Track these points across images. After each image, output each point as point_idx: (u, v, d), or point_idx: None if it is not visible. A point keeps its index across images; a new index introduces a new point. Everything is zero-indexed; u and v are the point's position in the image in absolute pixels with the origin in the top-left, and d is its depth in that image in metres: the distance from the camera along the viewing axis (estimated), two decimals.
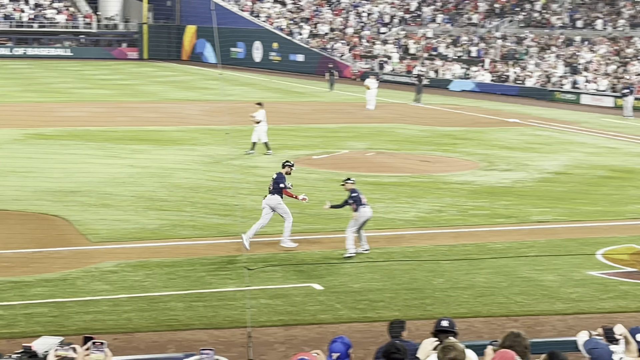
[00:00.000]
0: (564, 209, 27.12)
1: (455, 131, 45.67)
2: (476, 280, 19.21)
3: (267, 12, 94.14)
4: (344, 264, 20.17)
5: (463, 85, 72.42)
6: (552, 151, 39.19)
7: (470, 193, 29.24)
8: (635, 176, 33.29)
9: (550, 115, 54.30)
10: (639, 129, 48.39)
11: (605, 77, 64.40)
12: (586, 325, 14.90)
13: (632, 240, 23.07)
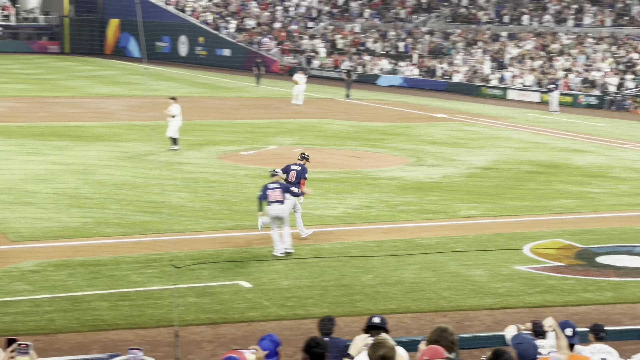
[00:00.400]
0: (492, 204, 27.41)
1: (384, 126, 45.91)
2: (405, 276, 19.32)
3: (192, 6, 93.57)
4: (272, 261, 20.12)
5: (391, 81, 72.82)
6: (480, 146, 39.59)
7: (398, 189, 29.39)
8: (561, 171, 33.78)
9: (477, 111, 54.86)
10: (564, 124, 49.14)
11: (531, 73, 65.28)
12: (514, 319, 15.14)
13: (558, 235, 23.40)
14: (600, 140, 42.44)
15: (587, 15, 71.76)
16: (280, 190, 20.42)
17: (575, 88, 61.47)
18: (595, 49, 65.80)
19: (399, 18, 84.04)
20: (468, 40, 75.38)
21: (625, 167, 34.94)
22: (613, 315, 16.99)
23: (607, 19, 70.20)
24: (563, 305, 17.49)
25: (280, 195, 20.38)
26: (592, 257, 21.34)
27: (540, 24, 73.77)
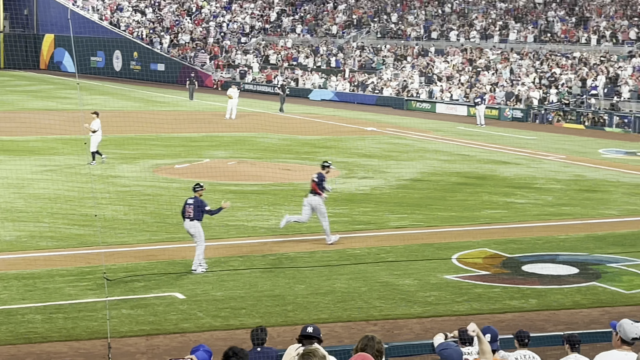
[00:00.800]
0: (421, 214, 27.61)
1: (316, 140, 45.98)
2: (336, 285, 19.36)
3: (126, 22, 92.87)
4: (206, 273, 20.01)
5: (323, 95, 72.98)
6: (409, 158, 39.84)
7: (330, 200, 29.32)
8: (487, 182, 34.14)
9: (407, 124, 55.23)
10: (490, 137, 49.67)
11: (458, 87, 65.94)
12: (442, 327, 15.24)
13: (485, 244, 23.65)
14: (525, 153, 42.97)
15: (512, 31, 72.73)
16: (192, 207, 20.16)
17: (500, 102, 62.22)
18: (519, 64, 66.69)
19: (330, 34, 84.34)
20: (397, 55, 75.92)
21: (549, 178, 35.40)
22: (537, 321, 17.20)
23: (530, 35, 71.22)
24: (489, 313, 17.66)
25: (192, 212, 20.11)
26: (517, 265, 21.59)
27: (467, 40, 74.57)
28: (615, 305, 18.37)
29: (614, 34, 66.55)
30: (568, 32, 69.50)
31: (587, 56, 64.60)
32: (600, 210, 29.01)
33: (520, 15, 75.25)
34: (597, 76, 60.51)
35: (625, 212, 28.87)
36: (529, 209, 29.01)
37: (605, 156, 42.71)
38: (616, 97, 57.71)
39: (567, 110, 58.08)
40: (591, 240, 24.59)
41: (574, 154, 42.84)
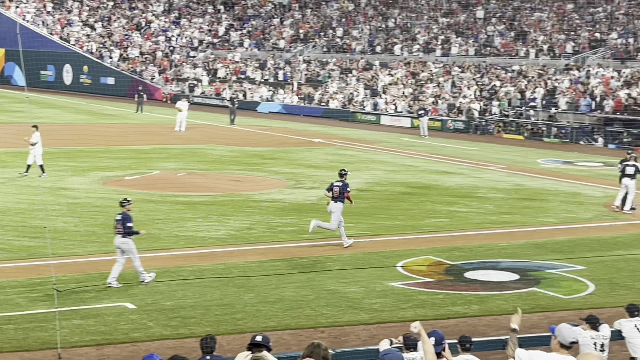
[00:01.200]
0: (367, 224, 27.67)
1: (264, 151, 45.96)
2: (285, 294, 19.33)
3: (76, 36, 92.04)
4: (156, 283, 19.86)
5: (270, 107, 72.97)
6: (355, 169, 39.85)
7: (278, 210, 29.43)
8: (431, 192, 34.34)
9: (352, 135, 55.40)
10: (434, 148, 50.00)
11: (402, 99, 66.31)
12: (388, 333, 15.27)
13: (429, 252, 23.77)
14: (467, 163, 43.30)
15: (454, 45, 73.35)
16: (121, 222, 19.79)
17: (443, 114, 62.68)
18: (461, 77, 67.27)
19: (278, 48, 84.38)
20: (343, 68, 76.17)
21: (490, 187, 35.71)
22: (479, 327, 17.31)
23: (471, 49, 71.89)
24: (433, 318, 17.72)
25: (122, 228, 19.82)
26: (460, 272, 21.73)
27: (410, 54, 75.06)
28: (554, 310, 18.55)
29: (551, 48, 67.43)
30: (507, 46, 70.27)
31: (525, 69, 65.36)
32: (540, 218, 29.31)
33: (461, 30, 75.95)
34: (536, 88, 61.24)
35: (563, 219, 29.22)
36: (471, 218, 29.23)
37: (543, 166, 43.21)
38: (554, 108, 58.43)
39: (507, 122, 58.70)
40: (531, 247, 24.84)
41: (514, 164, 43.27)
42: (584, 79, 60.93)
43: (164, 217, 27.66)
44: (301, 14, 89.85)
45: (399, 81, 70.02)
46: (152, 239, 23.88)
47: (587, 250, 24.47)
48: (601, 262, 22.95)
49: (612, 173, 40.01)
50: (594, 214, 30.37)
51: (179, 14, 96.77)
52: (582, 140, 53.91)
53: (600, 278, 21.27)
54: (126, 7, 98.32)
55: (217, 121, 61.84)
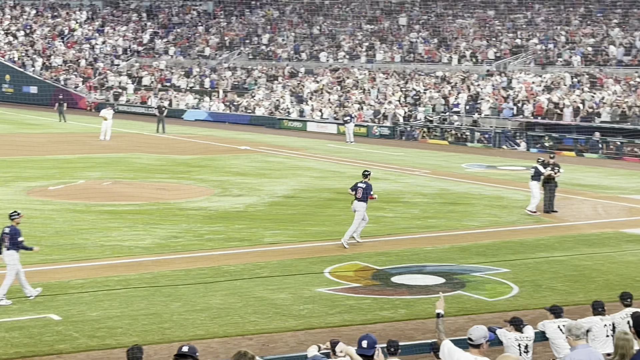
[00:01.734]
0: (294, 230, 27.68)
1: (190, 159, 45.70)
2: (212, 302, 19.22)
3: None
4: (82, 293, 19.60)
5: (197, 115, 72.58)
6: (282, 176, 39.94)
7: (205, 218, 29.27)
8: None
9: (279, 142, 55.37)
10: (360, 154, 50.22)
11: (328, 106, 66.50)
12: (316, 339, 15.25)
13: (356, 257, 23.84)
14: (393, 168, 43.57)
15: (378, 52, 73.86)
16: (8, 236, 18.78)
17: (369, 120, 63.02)
18: (386, 84, 67.73)
19: (203, 55, 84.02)
20: (269, 76, 76.15)
21: (416, 192, 35.99)
22: (406, 330, 17.40)
23: (396, 55, 72.46)
24: (361, 324, 17.77)
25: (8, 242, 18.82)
26: (387, 277, 21.83)
27: (336, 60, 75.37)
28: (479, 312, 18.73)
29: (473, 54, 68.33)
30: (431, 52, 71.00)
31: (449, 75, 66.09)
32: (464, 222, 29.63)
33: (385, 36, 76.49)
34: (459, 94, 61.97)
35: (487, 223, 29.57)
36: (397, 222, 29.42)
37: (467, 170, 43.70)
38: (477, 114, 59.18)
39: (432, 127, 59.26)
40: (456, 250, 25.08)
41: (439, 169, 43.67)
42: (506, 84, 61.86)
43: (90, 226, 27.31)
44: (226, 21, 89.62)
45: (325, 88, 70.22)
46: (77, 249, 23.58)
47: (510, 253, 24.79)
48: (524, 265, 23.27)
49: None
50: (517, 217, 30.78)
51: (102, 22, 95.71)
52: (504, 145, 54.67)
53: (523, 280, 21.56)
54: (49, 15, 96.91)
55: (143, 129, 61.30)
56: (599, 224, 29.42)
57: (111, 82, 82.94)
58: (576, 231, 28.36)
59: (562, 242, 26.54)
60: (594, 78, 58.81)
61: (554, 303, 15.33)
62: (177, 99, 75.70)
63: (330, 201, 33.46)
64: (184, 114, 73.20)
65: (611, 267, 23.14)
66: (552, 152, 37.94)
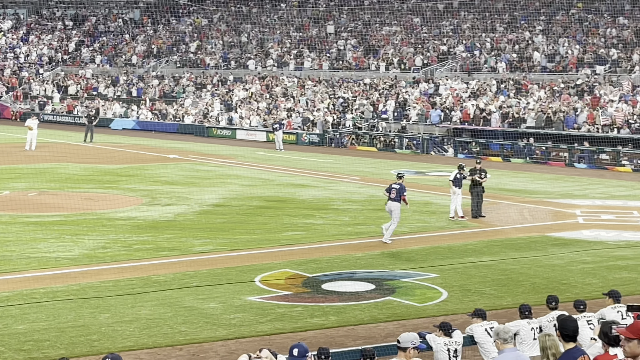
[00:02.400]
0: (224, 239, 27.54)
1: (118, 168, 45.22)
2: (141, 313, 19.01)
3: None
4: (7, 306, 19.23)
5: (124, 124, 71.90)
6: (211, 184, 39.72)
7: (134, 228, 28.98)
8: (288, 205, 34.46)
9: (208, 151, 55.09)
10: (289, 161, 50.25)
11: (257, 114, 66.41)
12: (247, 348, 15.23)
13: (286, 265, 23.81)
14: (322, 175, 43.65)
15: (307, 60, 74.01)
16: None
17: (298, 127, 63.09)
18: (314, 91, 67.89)
19: (130, 64, 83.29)
20: (197, 84, 75.79)
21: (345, 199, 36.10)
22: (337, 337, 17.41)
23: (324, 63, 72.69)
24: (292, 331, 17.74)
25: None
26: (318, 284, 21.83)
27: (264, 68, 75.34)
28: (409, 318, 18.84)
29: (401, 61, 68.85)
30: (359, 59, 71.37)
31: (377, 82, 66.51)
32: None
33: (313, 44, 76.70)
34: (387, 101, 62.37)
35: (416, 229, 29.77)
36: (327, 229, 29.45)
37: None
38: (405, 120, 59.63)
39: (360, 134, 59.53)
40: (386, 257, 25.19)
41: (368, 175, 43.87)
42: (433, 91, 62.46)
43: (15, 238, 26.84)
44: (153, 29, 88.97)
45: (254, 96, 70.12)
46: (2, 261, 23.16)
47: (439, 258, 24.99)
48: (453, 270, 23.47)
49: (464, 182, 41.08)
50: (445, 222, 31.06)
51: (27, 30, 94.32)
52: (432, 151, 55.16)
53: (452, 285, 21.74)
54: None
55: (69, 139, 60.49)
56: (525, 228, 29.82)
57: (36, 91, 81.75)
58: (503, 235, 28.69)
59: (489, 246, 26.84)
60: (519, 84, 59.70)
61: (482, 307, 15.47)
62: (105, 108, 74.86)
63: (260, 209, 33.39)
64: (112, 122, 72.45)
65: (538, 271, 23.46)
66: (479, 158, 38.34)
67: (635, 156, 46.76)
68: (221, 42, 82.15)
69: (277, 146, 57.05)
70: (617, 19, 64.85)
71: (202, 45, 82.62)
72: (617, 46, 60.91)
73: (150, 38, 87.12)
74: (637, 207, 34.20)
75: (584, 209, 33.63)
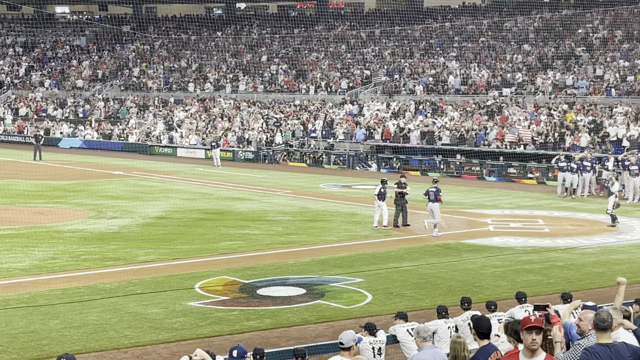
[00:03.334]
0: (166, 249, 27.30)
1: (67, 185, 44.55)
2: (89, 318, 18.75)
3: None
4: None
5: (72, 143, 70.85)
6: (154, 198, 39.35)
7: (81, 240, 28.57)
8: (225, 217, 34.29)
9: (151, 167, 54.53)
10: (226, 176, 50.01)
11: (196, 133, 66.02)
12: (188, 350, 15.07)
13: (224, 273, 23.69)
14: (257, 189, 43.53)
15: (242, 83, 73.87)
16: None
17: (234, 145, 62.85)
18: (249, 112, 67.75)
19: (77, 87, 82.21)
20: (140, 105, 75.12)
21: (278, 211, 36.04)
22: (271, 338, 17.36)
23: (258, 86, 72.62)
24: (229, 333, 17.66)
25: None
26: (253, 290, 21.75)
27: (203, 91, 74.99)
28: (337, 320, 18.86)
29: (328, 84, 69.11)
30: (289, 83, 71.48)
31: (306, 104, 66.65)
32: (323, 237, 29.82)
33: (248, 69, 76.61)
34: (316, 121, 62.52)
35: (343, 237, 29.83)
36: (262, 239, 29.37)
37: (325, 190, 44.04)
38: (332, 138, 59.82)
39: (292, 151, 59.54)
40: (316, 263, 25.20)
41: (299, 189, 43.86)
42: (358, 111, 62.80)
43: None
44: (99, 55, 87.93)
45: (193, 116, 69.72)
46: None
47: (365, 264, 25.08)
48: (377, 275, 23.56)
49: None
50: (370, 231, 31.17)
51: None
52: (357, 166, 55.39)
53: (376, 288, 21.82)
54: None
55: (20, 157, 59.40)
56: (442, 236, 30.07)
57: None
58: (422, 243, 28.89)
59: (409, 253, 27.01)
60: (435, 105, 60.32)
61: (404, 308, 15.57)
62: (54, 128, 73.72)
63: (199, 221, 33.17)
64: (60, 142, 71.37)
65: (453, 275, 23.67)
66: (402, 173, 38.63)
67: (539, 170, 47.56)
68: (162, 67, 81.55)
69: (215, 163, 56.72)
70: (522, 46, 65.97)
71: (144, 69, 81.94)
72: (522, 70, 61.97)
73: (95, 63, 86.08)
74: (542, 216, 34.74)
75: (494, 218, 34.05)
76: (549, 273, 23.80)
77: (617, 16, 65.40)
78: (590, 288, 21.61)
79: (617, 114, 50.79)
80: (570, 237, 29.77)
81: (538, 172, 47.63)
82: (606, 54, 60.27)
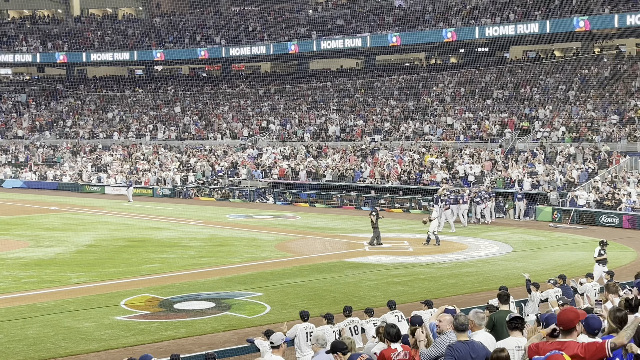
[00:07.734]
0: (96, 272, 26.58)
1: (9, 219, 42.90)
2: (29, 332, 18.06)
3: None
4: None
5: (14, 184, 68.41)
6: (85, 229, 38.31)
7: (22, 266, 27.54)
8: (146, 244, 33.64)
9: (82, 203, 53.18)
10: (147, 210, 49.14)
11: (121, 174, 64.74)
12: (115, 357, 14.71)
13: (146, 291, 23.20)
14: (173, 220, 42.92)
15: (160, 132, 72.92)
16: None
17: (153, 183, 61.87)
18: (166, 156, 66.89)
19: (18, 136, 79.59)
20: (73, 151, 73.22)
21: (192, 238, 35.60)
22: (186, 345, 17.08)
23: (173, 134, 71.81)
24: (150, 342, 17.28)
25: None
26: (170, 305, 21.38)
27: (126, 139, 73.69)
28: (242, 327, 18.70)
29: (232, 132, 68.92)
30: (200, 131, 70.98)
31: (214, 148, 66.24)
32: (229, 259, 29.58)
33: (165, 120, 75.74)
34: (222, 162, 62.16)
35: (246, 259, 29.66)
36: (177, 262, 28.92)
37: (231, 219, 43.77)
38: (236, 177, 59.56)
39: (202, 187, 58.99)
40: (223, 281, 24.95)
41: (209, 219, 43.47)
42: (257, 154, 62.78)
43: None
44: (37, 109, 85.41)
45: (118, 160, 68.36)
46: None
47: (264, 280, 24.97)
48: (274, 289, 23.50)
49: (281, 222, 41.36)
50: (268, 253, 31.10)
51: None
52: (257, 200, 55.26)
53: (274, 301, 21.75)
54: None
55: None
56: (327, 256, 30.26)
57: None
58: (311, 262, 28.98)
59: (301, 270, 27.05)
60: (320, 149, 60.84)
61: (297, 318, 15.54)
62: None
63: (124, 247, 32.44)
64: (3, 182, 68.81)
65: (337, 287, 23.81)
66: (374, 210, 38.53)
67: (404, 200, 48.43)
68: (92, 118, 79.80)
69: (130, 199, 55.55)
70: (388, 101, 67.38)
71: (76, 121, 80.00)
72: (389, 120, 63.23)
73: (34, 116, 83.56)
74: (407, 238, 35.34)
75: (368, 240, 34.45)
76: (414, 284, 24.19)
77: (462, 77, 67.62)
78: (446, 296, 22.07)
79: (465, 155, 52.34)
80: (430, 254, 30.36)
81: (403, 203, 48.48)
82: (455, 107, 62.14)
